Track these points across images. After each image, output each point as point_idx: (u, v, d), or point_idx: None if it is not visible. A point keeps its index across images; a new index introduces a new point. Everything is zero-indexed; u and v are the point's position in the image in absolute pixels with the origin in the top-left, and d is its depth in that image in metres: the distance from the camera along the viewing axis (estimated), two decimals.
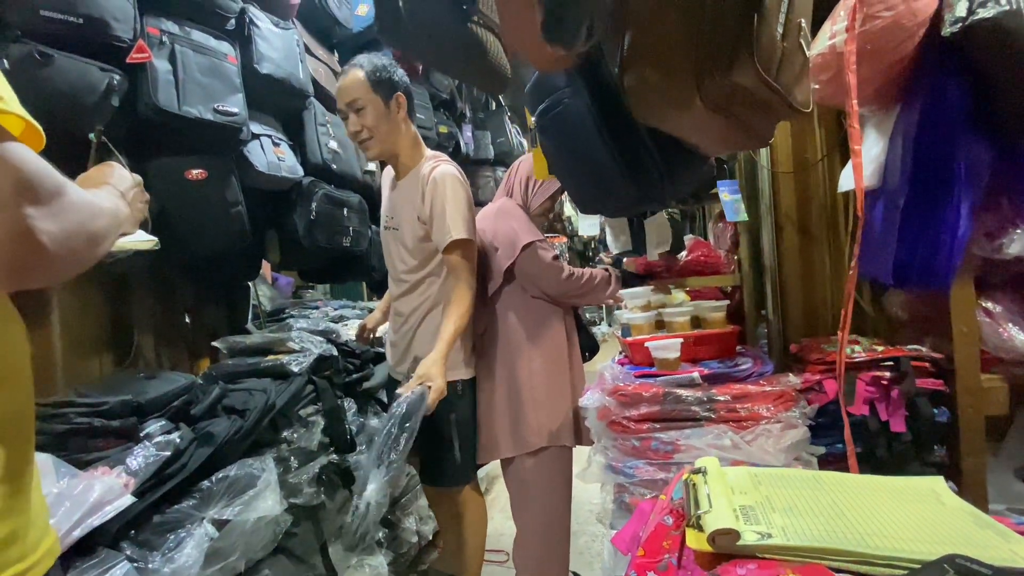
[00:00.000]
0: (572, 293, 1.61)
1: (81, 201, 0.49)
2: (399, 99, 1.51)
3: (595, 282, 1.62)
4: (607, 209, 1.16)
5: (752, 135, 0.69)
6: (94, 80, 1.20)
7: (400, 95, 1.52)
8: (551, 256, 1.58)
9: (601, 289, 1.63)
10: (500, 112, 3.73)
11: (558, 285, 1.58)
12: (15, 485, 0.50)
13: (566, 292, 1.60)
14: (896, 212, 1.14)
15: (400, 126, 1.53)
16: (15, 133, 0.45)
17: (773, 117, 0.70)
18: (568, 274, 1.58)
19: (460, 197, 1.49)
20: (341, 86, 1.50)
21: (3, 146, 0.41)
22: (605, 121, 0.77)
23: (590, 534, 2.20)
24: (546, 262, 1.56)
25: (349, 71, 1.50)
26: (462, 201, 1.49)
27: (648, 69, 0.62)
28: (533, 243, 1.55)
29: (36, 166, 0.43)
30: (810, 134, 1.40)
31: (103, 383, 1.29)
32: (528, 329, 1.59)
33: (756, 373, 1.25)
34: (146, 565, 0.94)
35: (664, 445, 1.18)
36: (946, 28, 0.99)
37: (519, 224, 1.58)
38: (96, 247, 0.52)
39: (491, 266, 1.60)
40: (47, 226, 0.42)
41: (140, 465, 1.01)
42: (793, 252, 1.42)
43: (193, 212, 1.43)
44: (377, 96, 1.47)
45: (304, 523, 1.39)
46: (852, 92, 0.96)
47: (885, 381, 1.13)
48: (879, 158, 1.19)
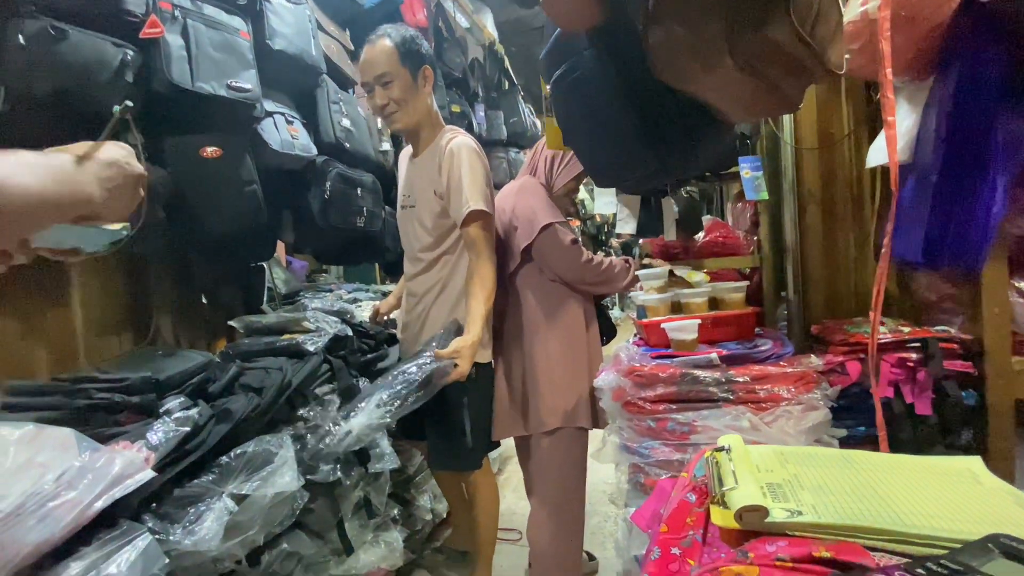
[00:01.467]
0: (589, 280, 1.58)
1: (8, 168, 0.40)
2: (426, 72, 1.48)
3: (614, 271, 1.59)
4: (625, 182, 1.13)
5: (782, 99, 0.66)
6: (108, 55, 1.19)
7: (427, 68, 1.49)
8: (570, 239, 1.54)
9: (619, 279, 1.60)
10: (513, 91, 3.68)
11: (575, 270, 1.55)
12: None
13: (583, 278, 1.57)
14: (928, 188, 1.10)
15: (425, 100, 1.51)
16: None
17: (805, 79, 0.66)
18: (587, 259, 1.55)
19: (478, 169, 1.46)
20: (369, 58, 1.45)
21: None
22: (626, 86, 0.73)
23: (602, 514, 2.21)
24: (565, 245, 1.53)
25: (377, 42, 1.44)
26: (480, 173, 1.46)
27: (676, 25, 0.58)
28: (552, 224, 1.52)
29: None
30: (836, 108, 1.36)
31: (123, 361, 1.31)
32: (546, 310, 1.57)
33: (776, 354, 1.22)
34: (167, 537, 0.95)
35: (680, 426, 1.16)
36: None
37: (539, 203, 1.55)
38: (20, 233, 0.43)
39: (509, 245, 1.58)
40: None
41: (160, 440, 1.02)
42: (816, 232, 1.38)
43: (208, 190, 1.43)
44: (405, 69, 1.44)
45: (321, 499, 1.40)
46: (886, 60, 0.91)
47: (911, 363, 1.11)
48: (911, 132, 1.14)
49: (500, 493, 1.75)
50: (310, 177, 1.78)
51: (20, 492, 0.81)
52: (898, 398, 1.10)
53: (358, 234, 1.97)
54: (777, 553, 0.42)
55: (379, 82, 1.44)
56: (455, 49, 2.98)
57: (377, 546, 1.57)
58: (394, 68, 1.43)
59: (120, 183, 0.59)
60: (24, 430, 0.90)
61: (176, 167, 1.37)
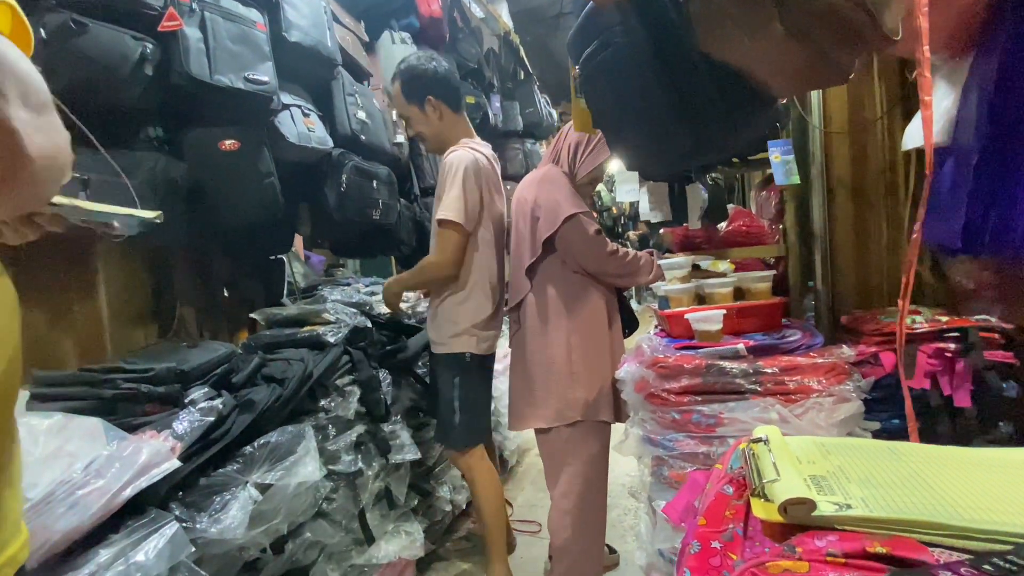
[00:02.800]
0: (612, 271, 1.55)
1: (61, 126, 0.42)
2: (431, 102, 1.62)
3: (639, 263, 1.56)
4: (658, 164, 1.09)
5: (833, 68, 0.62)
6: (128, 49, 1.20)
7: (431, 98, 1.62)
8: (594, 229, 1.52)
9: (643, 272, 1.57)
10: (529, 82, 3.64)
11: (600, 261, 1.52)
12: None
13: (606, 270, 1.54)
14: (968, 171, 1.05)
15: (436, 124, 1.65)
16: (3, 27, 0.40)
17: (859, 45, 0.62)
18: (612, 251, 1.53)
19: (464, 181, 1.56)
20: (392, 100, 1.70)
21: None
22: (660, 60, 0.70)
23: (622, 507, 2.20)
24: (590, 235, 1.50)
25: (393, 83, 1.66)
26: (463, 185, 1.56)
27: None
28: (577, 214, 1.49)
29: (28, 67, 0.38)
30: (868, 90, 1.30)
31: (148, 352, 1.32)
32: (567, 303, 1.55)
33: (805, 345, 1.19)
34: (193, 525, 0.96)
35: (706, 418, 1.14)
36: None
37: (562, 194, 1.53)
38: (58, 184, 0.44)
39: (531, 235, 1.56)
40: (36, 137, 0.37)
41: (186, 430, 1.03)
42: (846, 219, 1.34)
43: (227, 182, 1.43)
44: (413, 106, 1.62)
45: (342, 489, 1.41)
46: (924, 37, 0.87)
47: (949, 353, 1.06)
48: (949, 112, 1.09)
49: (519, 484, 1.74)
50: (326, 169, 1.78)
51: (50, 480, 0.82)
52: (935, 390, 1.06)
53: (374, 226, 1.97)
54: (828, 548, 0.40)
55: (400, 117, 1.70)
56: (470, 39, 2.95)
57: (398, 536, 1.58)
58: (403, 108, 1.64)
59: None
60: (53, 419, 0.91)
61: (195, 160, 1.37)
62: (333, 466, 1.35)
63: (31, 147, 0.36)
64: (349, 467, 1.38)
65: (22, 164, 0.36)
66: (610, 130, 0.94)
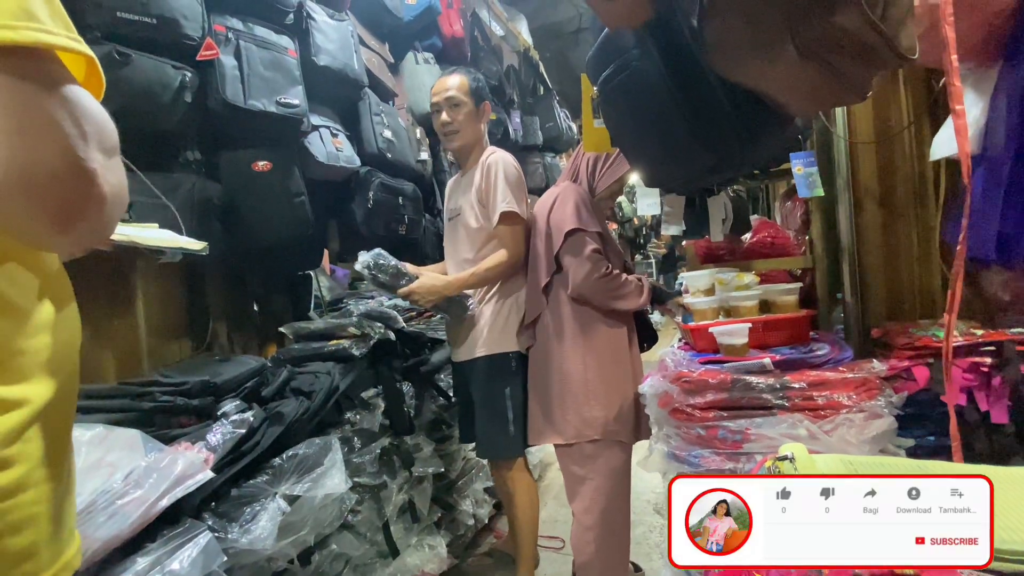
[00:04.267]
0: (599, 292, 1.52)
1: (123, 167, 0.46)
2: (486, 107, 1.73)
3: (628, 288, 1.55)
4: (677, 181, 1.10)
5: (848, 88, 0.62)
6: (168, 78, 1.26)
7: (487, 103, 1.74)
8: (591, 249, 1.51)
9: (631, 297, 1.55)
10: (548, 97, 3.68)
11: (587, 283, 1.51)
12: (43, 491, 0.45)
13: (593, 290, 1.52)
14: (1000, 181, 1.03)
15: (479, 129, 1.72)
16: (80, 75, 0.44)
17: (875, 65, 0.62)
18: (601, 274, 1.51)
19: (512, 176, 1.63)
20: (445, 83, 1.68)
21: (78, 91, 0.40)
22: (677, 82, 0.71)
23: (647, 524, 2.16)
24: (584, 254, 1.51)
25: (453, 73, 1.70)
26: (514, 180, 1.62)
27: (734, 17, 0.56)
28: (579, 231, 1.52)
29: (104, 116, 0.42)
30: (894, 99, 1.29)
31: (183, 365, 1.37)
32: (582, 322, 1.55)
33: (834, 359, 1.16)
34: (225, 535, 0.99)
35: (732, 434, 1.12)
36: None
37: (571, 210, 1.54)
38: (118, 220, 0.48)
39: (545, 253, 1.58)
40: (109, 177, 0.41)
41: (219, 442, 1.06)
42: (875, 230, 1.32)
43: (260, 202, 1.49)
44: (471, 99, 1.68)
45: (367, 502, 1.43)
46: (951, 46, 0.86)
47: (985, 368, 1.03)
48: (978, 121, 1.07)
49: (541, 500, 1.74)
50: (354, 187, 1.83)
51: (91, 490, 0.86)
52: (971, 405, 1.02)
53: (400, 241, 2.01)
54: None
55: (449, 104, 1.66)
56: (491, 57, 3.01)
57: (421, 550, 1.59)
58: (463, 96, 1.67)
59: None
60: (95, 431, 0.96)
61: (230, 181, 1.43)
62: (358, 478, 1.37)
63: (105, 186, 0.41)
64: (374, 479, 1.39)
65: (98, 203, 0.41)
66: (629, 149, 0.96)
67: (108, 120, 0.43)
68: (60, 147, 0.38)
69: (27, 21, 0.37)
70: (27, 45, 0.37)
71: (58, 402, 0.47)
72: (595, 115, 1.05)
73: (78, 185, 0.39)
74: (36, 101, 0.38)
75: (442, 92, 1.68)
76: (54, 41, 0.39)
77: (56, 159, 0.38)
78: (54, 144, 0.38)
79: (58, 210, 0.39)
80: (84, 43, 0.42)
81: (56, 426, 0.47)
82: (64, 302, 0.50)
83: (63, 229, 0.41)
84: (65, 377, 0.49)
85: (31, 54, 0.38)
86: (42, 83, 0.38)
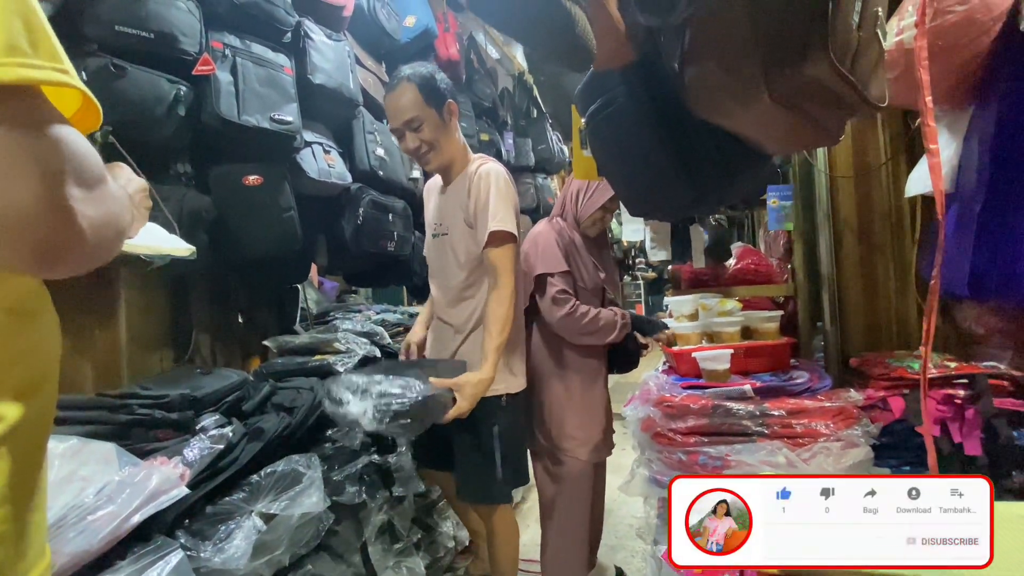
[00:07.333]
0: (573, 330, 1.58)
1: (117, 192, 0.47)
2: (451, 107, 1.49)
3: (599, 324, 1.58)
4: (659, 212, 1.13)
5: (821, 132, 0.65)
6: (163, 91, 1.27)
7: (451, 103, 1.49)
8: (556, 290, 1.58)
9: (605, 332, 1.59)
10: (541, 119, 3.74)
11: (557, 322, 1.58)
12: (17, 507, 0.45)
13: (566, 328, 1.58)
14: (972, 218, 1.07)
15: (454, 135, 1.51)
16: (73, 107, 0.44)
17: (845, 112, 0.66)
18: (566, 313, 1.55)
19: (504, 191, 1.44)
20: (396, 105, 1.44)
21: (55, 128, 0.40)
22: (661, 120, 0.74)
23: (629, 549, 2.14)
24: (549, 296, 1.58)
25: (398, 86, 1.44)
26: (507, 196, 1.45)
27: (711, 63, 0.59)
28: (545, 275, 1.59)
29: (85, 149, 0.42)
30: (872, 136, 1.34)
31: (163, 377, 1.35)
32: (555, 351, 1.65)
33: (813, 388, 1.19)
34: (198, 554, 0.97)
35: (713, 460, 1.13)
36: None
37: (543, 252, 1.62)
38: (119, 242, 0.49)
39: (523, 286, 1.62)
40: (88, 211, 0.41)
41: (195, 457, 1.04)
42: (853, 262, 1.35)
43: (249, 216, 1.49)
44: (431, 109, 1.44)
45: (345, 522, 1.41)
46: (925, 88, 0.90)
47: (959, 400, 1.06)
48: (952, 160, 1.11)
49: (524, 523, 1.72)
50: (344, 203, 1.84)
51: (62, 504, 0.84)
52: (945, 437, 1.04)
53: (388, 258, 2.01)
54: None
55: (409, 127, 1.44)
56: (486, 80, 3.06)
57: (399, 572, 1.56)
58: (420, 111, 1.43)
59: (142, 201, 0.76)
60: (68, 443, 0.94)
61: (220, 194, 1.43)
62: (337, 497, 1.35)
63: (84, 222, 0.41)
64: (353, 499, 1.37)
65: (78, 239, 0.41)
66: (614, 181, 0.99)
67: (90, 152, 0.43)
68: (33, 189, 0.38)
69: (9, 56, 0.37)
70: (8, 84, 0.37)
71: (35, 417, 0.46)
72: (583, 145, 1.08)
73: (54, 225, 0.39)
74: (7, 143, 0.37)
75: (398, 116, 1.44)
76: (38, 76, 0.38)
77: (28, 201, 0.38)
78: (26, 186, 0.38)
79: (35, 249, 0.39)
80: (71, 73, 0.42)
81: (31, 442, 0.47)
82: (41, 314, 0.50)
83: (48, 266, 0.41)
84: (43, 392, 0.48)
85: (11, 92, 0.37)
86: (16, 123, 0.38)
